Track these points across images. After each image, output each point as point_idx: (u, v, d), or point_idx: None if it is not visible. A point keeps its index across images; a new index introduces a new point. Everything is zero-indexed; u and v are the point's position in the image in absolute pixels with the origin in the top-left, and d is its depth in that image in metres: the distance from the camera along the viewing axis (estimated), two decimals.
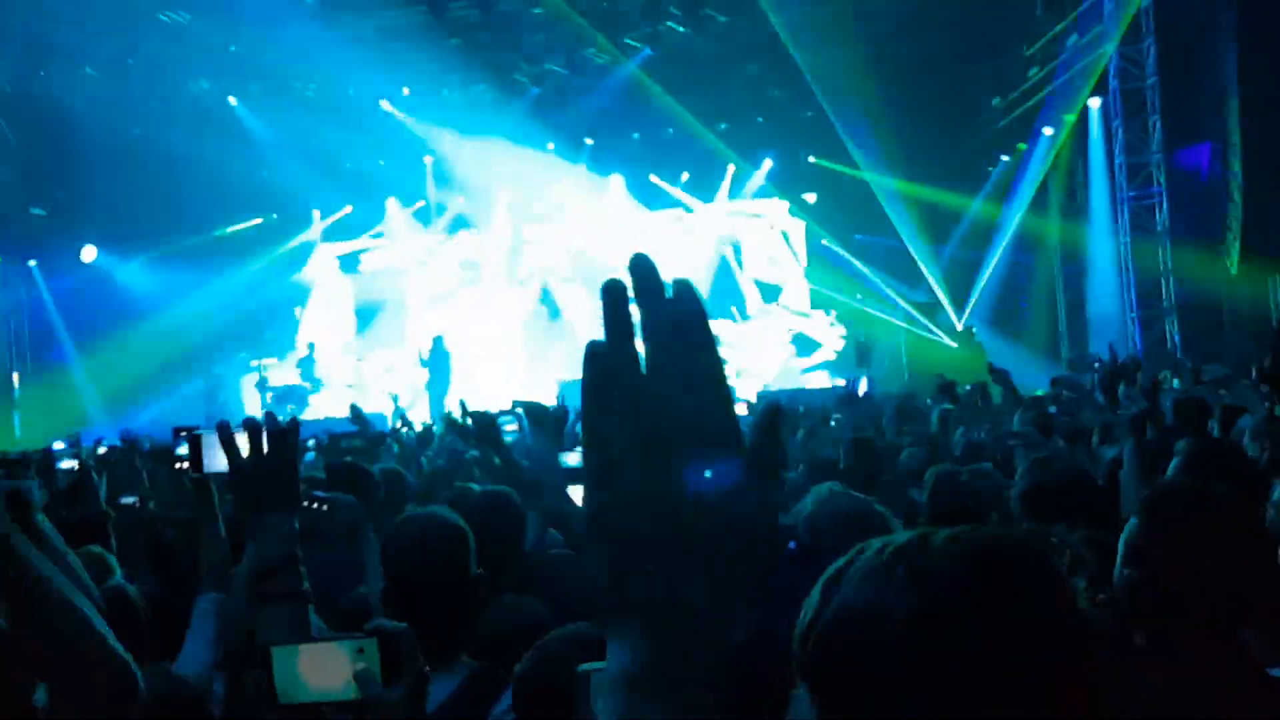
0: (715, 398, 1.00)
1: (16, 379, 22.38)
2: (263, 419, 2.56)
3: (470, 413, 7.13)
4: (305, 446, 11.53)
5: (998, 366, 10.17)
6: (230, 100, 23.58)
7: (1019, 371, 15.89)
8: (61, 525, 4.15)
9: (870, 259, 24.49)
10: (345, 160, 24.73)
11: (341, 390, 24.25)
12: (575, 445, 6.97)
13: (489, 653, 3.22)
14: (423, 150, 25.14)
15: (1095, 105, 18.64)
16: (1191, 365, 13.00)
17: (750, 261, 25.56)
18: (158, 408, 23.21)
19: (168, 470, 5.82)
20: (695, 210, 25.47)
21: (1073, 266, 21.57)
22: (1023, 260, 23.09)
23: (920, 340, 20.85)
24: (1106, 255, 19.37)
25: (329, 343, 25.71)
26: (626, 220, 25.52)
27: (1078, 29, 18.35)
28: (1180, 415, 6.95)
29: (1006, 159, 21.91)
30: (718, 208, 25.51)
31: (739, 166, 24.56)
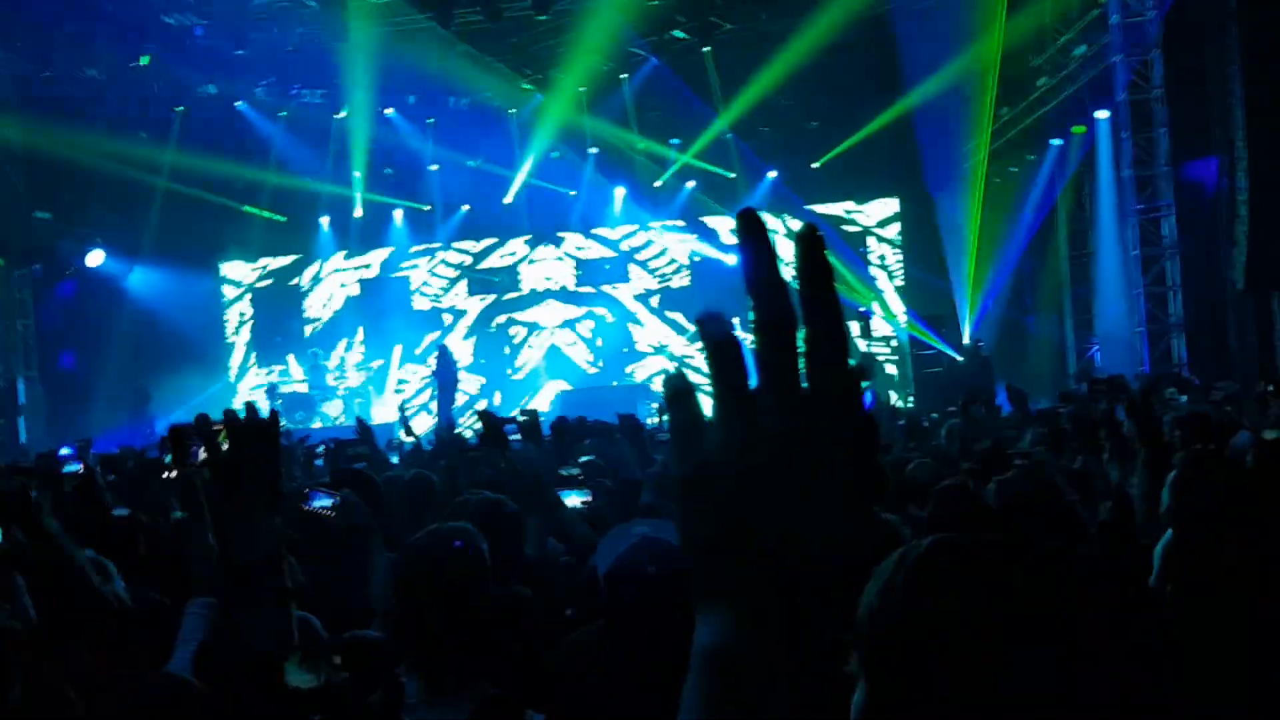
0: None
1: (22, 385, 22.29)
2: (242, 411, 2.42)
3: (481, 413, 7.14)
4: (315, 453, 11.56)
5: (1015, 386, 10.19)
6: (237, 104, 23.61)
7: (1024, 385, 15.89)
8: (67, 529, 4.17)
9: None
10: (353, 167, 24.77)
11: (348, 398, 24.33)
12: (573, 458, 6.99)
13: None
14: (428, 159, 25.17)
15: (1103, 117, 18.62)
16: (1200, 382, 12.95)
17: None
18: (165, 416, 23.24)
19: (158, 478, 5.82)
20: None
21: (1080, 279, 21.54)
22: (1030, 273, 23.07)
23: (926, 354, 20.77)
24: (1113, 269, 19.34)
25: (336, 351, 25.76)
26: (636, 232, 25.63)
27: (1085, 40, 18.36)
28: (1184, 431, 6.93)
29: (1014, 170, 21.89)
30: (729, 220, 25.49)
31: (743, 176, 24.54)
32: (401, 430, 13.33)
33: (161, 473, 6.56)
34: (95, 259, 24.27)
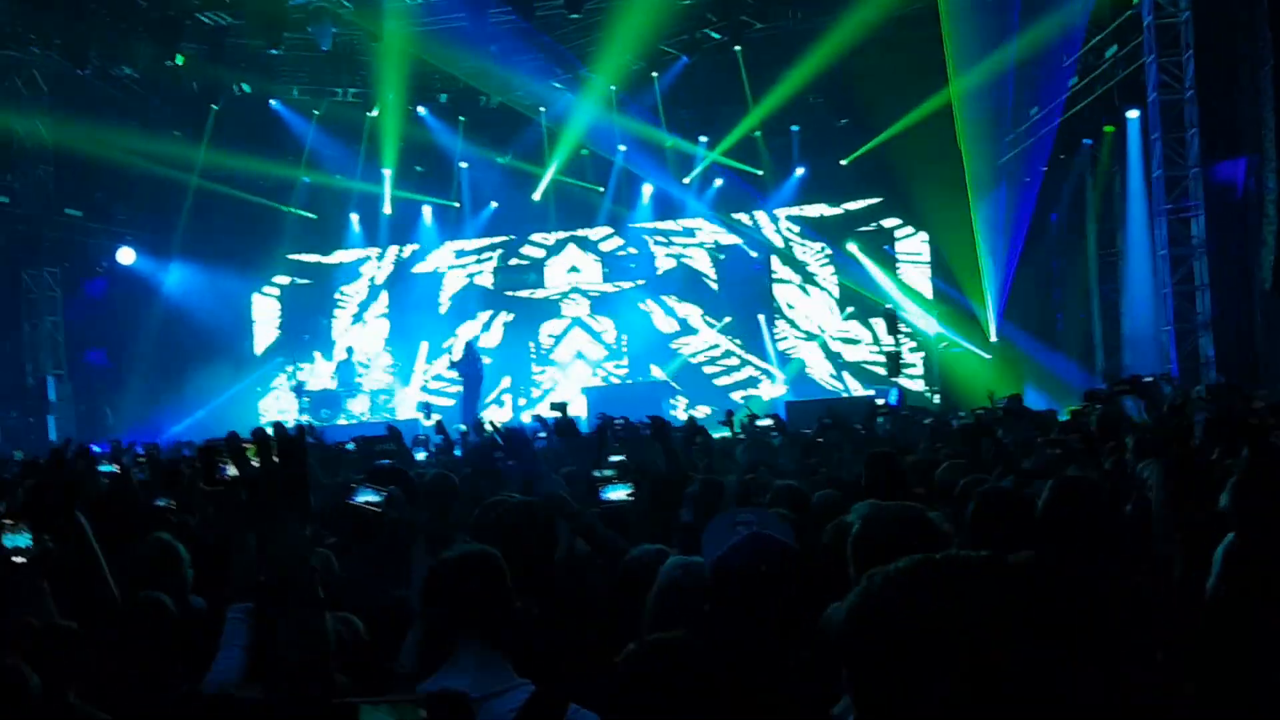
0: None
1: (51, 383, 22.45)
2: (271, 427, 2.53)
3: (500, 430, 7.19)
4: (345, 449, 11.66)
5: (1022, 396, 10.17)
6: (271, 103, 23.75)
7: (1052, 384, 15.88)
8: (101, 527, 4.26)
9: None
10: (383, 165, 24.89)
11: (374, 394, 24.46)
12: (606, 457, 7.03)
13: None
14: (458, 156, 25.27)
15: (1134, 117, 18.54)
16: (1227, 381, 12.89)
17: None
18: (194, 414, 23.44)
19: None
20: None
21: (1109, 278, 21.43)
22: (1059, 271, 22.99)
23: (952, 351, 20.71)
24: (1142, 268, 19.25)
25: (366, 348, 25.89)
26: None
27: (1117, 40, 18.29)
28: (1210, 434, 6.91)
29: (1044, 169, 21.80)
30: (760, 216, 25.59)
31: (770, 174, 24.54)
32: (428, 422, 13.36)
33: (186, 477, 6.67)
34: (126, 257, 24.43)
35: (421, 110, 24.13)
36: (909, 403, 19.21)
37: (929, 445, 9.37)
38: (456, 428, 13.92)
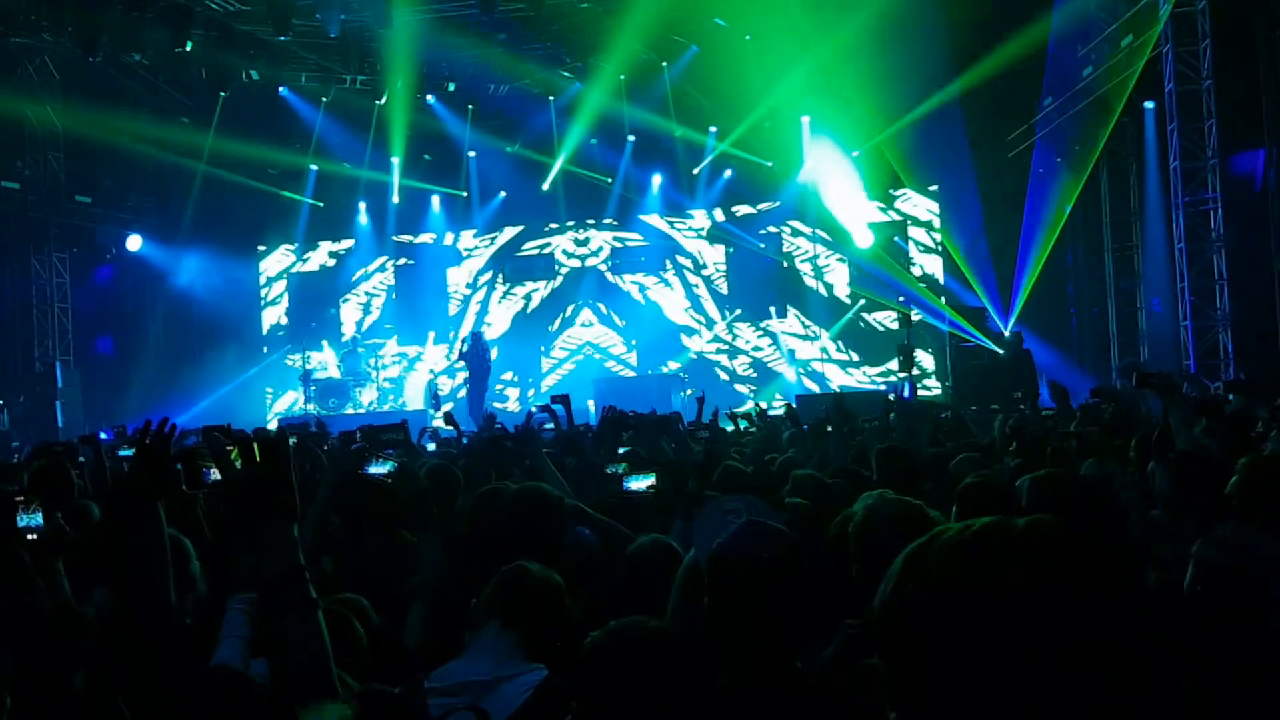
0: None
1: (59, 369, 22.44)
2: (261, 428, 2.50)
3: (509, 435, 7.18)
4: (355, 437, 11.54)
5: (1057, 382, 10.00)
6: (280, 90, 23.64)
7: (1066, 379, 15.68)
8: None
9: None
10: (391, 153, 24.79)
11: (382, 384, 24.40)
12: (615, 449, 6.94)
13: None
14: (467, 145, 25.16)
15: (1150, 107, 18.37)
16: (1245, 378, 12.73)
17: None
18: (201, 402, 23.41)
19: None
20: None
21: (1124, 272, 21.28)
22: (1073, 266, 22.83)
23: (965, 347, 20.53)
24: (1159, 261, 19.08)
25: (371, 337, 25.83)
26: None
27: (1133, 30, 18.10)
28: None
29: (1059, 160, 21.62)
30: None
31: (780, 165, 24.38)
32: (438, 417, 13.28)
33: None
34: (134, 244, 24.40)
35: (430, 99, 23.99)
36: (919, 398, 19.08)
37: (932, 438, 9.17)
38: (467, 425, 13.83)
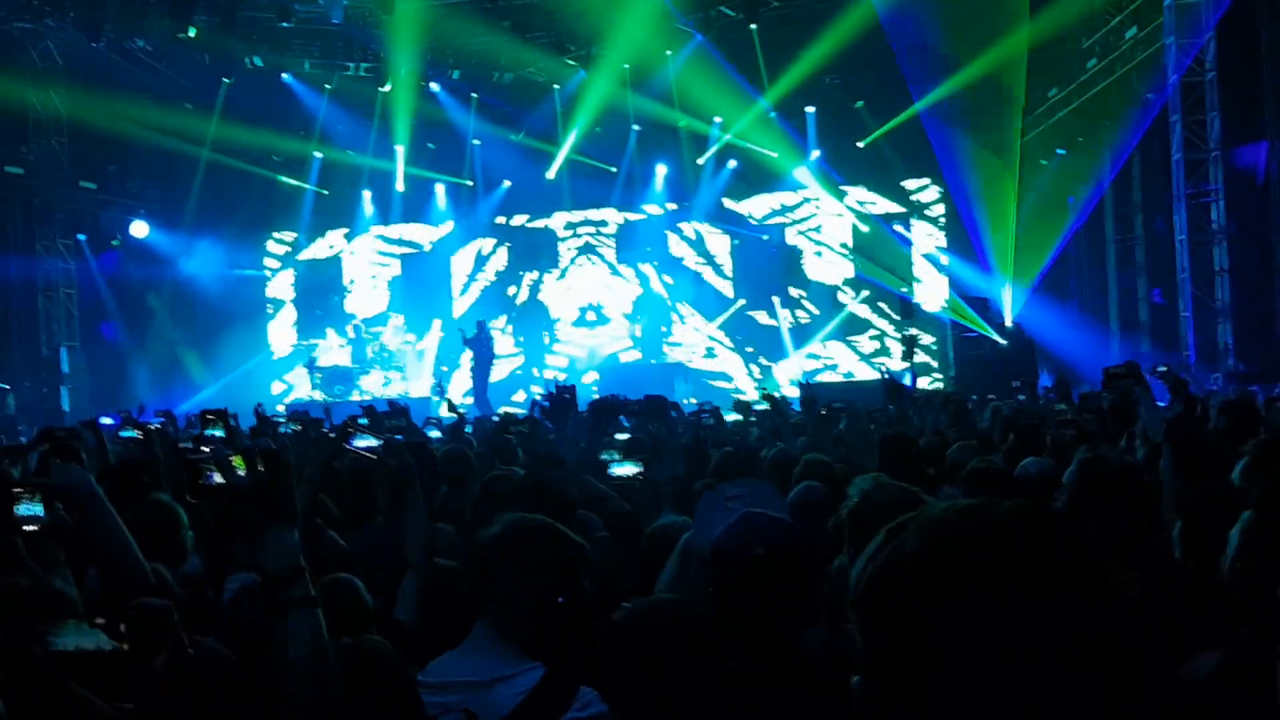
0: None
1: (64, 354, 22.48)
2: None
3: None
4: (356, 421, 11.57)
5: (1061, 375, 10.07)
6: (283, 77, 23.64)
7: (1066, 371, 15.73)
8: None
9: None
10: (395, 141, 24.77)
11: (389, 371, 24.44)
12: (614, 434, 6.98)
13: None
14: (471, 134, 25.16)
15: (1153, 99, 18.37)
16: (1245, 369, 12.78)
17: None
18: (207, 388, 23.44)
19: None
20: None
21: (1126, 263, 21.29)
22: (1075, 256, 22.85)
23: (967, 337, 20.56)
24: (1161, 253, 19.10)
25: (376, 323, 25.86)
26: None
27: (1137, 22, 18.10)
28: (1228, 417, 6.88)
29: (1062, 152, 21.64)
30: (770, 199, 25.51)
31: (786, 156, 24.38)
32: (443, 405, 13.31)
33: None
34: (139, 230, 24.41)
35: (434, 86, 23.97)
36: (920, 386, 19.13)
37: (933, 426, 9.22)
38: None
